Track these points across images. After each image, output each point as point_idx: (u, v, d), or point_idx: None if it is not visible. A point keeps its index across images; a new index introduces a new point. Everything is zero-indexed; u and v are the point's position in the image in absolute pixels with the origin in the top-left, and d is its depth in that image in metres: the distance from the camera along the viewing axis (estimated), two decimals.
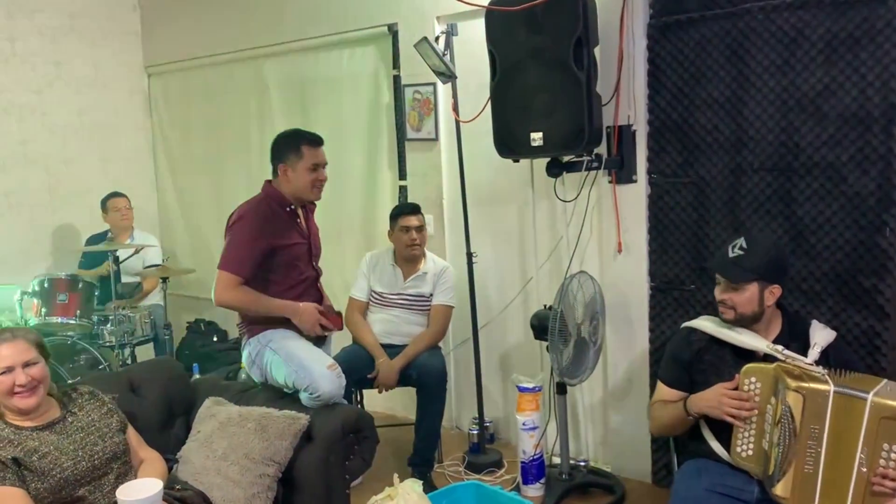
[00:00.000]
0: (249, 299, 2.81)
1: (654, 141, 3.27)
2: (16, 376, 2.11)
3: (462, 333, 3.96)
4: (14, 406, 2.13)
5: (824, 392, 2.06)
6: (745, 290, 2.32)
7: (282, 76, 4.77)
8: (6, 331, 2.19)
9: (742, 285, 2.32)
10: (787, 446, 2.09)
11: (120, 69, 5.51)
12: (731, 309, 2.35)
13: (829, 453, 2.05)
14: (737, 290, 2.33)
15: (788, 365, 2.19)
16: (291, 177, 2.91)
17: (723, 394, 2.24)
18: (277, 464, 2.38)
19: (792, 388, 2.09)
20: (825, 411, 2.06)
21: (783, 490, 2.11)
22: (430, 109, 4.01)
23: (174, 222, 5.68)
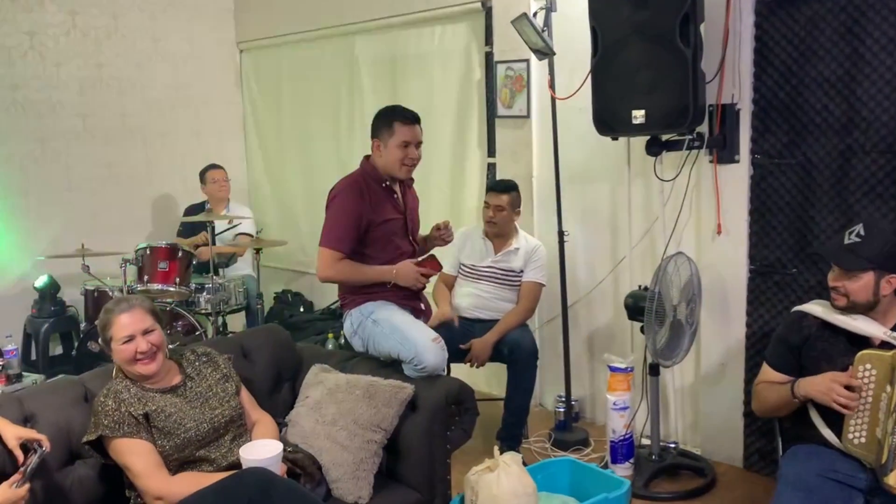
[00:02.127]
0: (349, 271, 2.87)
1: (758, 120, 3.19)
2: (137, 344, 2.21)
3: (549, 311, 3.97)
4: (137, 372, 2.24)
5: None
6: (859, 278, 2.26)
7: (372, 53, 4.82)
8: (123, 300, 2.30)
9: (856, 273, 2.26)
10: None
11: (213, 45, 5.65)
12: (844, 296, 2.29)
13: None
14: (851, 277, 2.27)
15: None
16: (383, 153, 2.93)
17: (834, 380, 2.20)
18: (384, 430, 2.44)
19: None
20: None
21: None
22: (522, 86, 4.00)
23: (263, 195, 5.83)
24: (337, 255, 2.85)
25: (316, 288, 5.50)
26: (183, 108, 5.50)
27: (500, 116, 4.13)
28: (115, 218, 5.15)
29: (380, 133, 2.95)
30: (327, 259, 2.86)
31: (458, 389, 2.58)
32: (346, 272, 2.89)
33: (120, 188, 5.23)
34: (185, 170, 5.33)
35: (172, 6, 5.41)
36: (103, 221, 5.08)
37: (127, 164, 5.26)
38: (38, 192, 4.89)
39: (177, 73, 5.46)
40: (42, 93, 4.88)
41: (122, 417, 2.14)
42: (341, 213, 2.86)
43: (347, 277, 2.92)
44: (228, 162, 5.39)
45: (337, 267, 2.87)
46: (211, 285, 4.44)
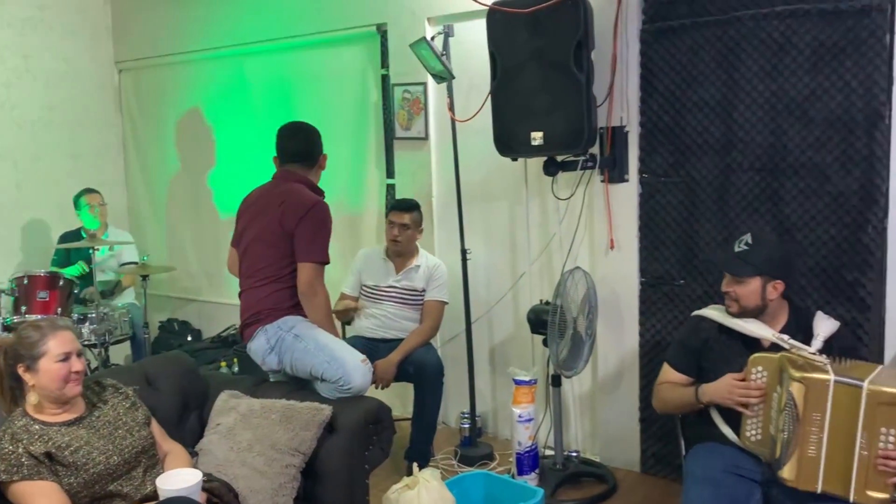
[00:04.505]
0: (328, 305, 2.87)
1: (645, 142, 3.39)
2: (72, 364, 2.09)
3: (452, 329, 4.02)
4: (64, 395, 2.10)
5: (825, 381, 2.17)
6: (748, 283, 2.43)
7: (265, 74, 4.75)
8: (50, 320, 2.18)
9: (745, 279, 2.44)
10: (791, 432, 2.20)
11: (90, 64, 5.39)
12: (735, 301, 2.47)
13: (830, 438, 2.16)
14: (740, 283, 2.45)
15: (793, 354, 2.30)
16: (316, 172, 3.01)
17: (732, 384, 2.35)
18: (303, 454, 2.39)
19: (795, 378, 2.19)
20: (826, 400, 2.17)
21: (789, 473, 2.22)
22: (420, 108, 4.06)
23: (145, 220, 5.58)
24: (323, 270, 2.83)
25: (204, 316, 5.31)
26: (58, 130, 5.19)
27: (399, 138, 4.17)
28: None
29: (321, 151, 3.03)
30: (317, 273, 2.81)
31: (377, 409, 2.57)
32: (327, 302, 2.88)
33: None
34: (60, 195, 5.01)
35: (44, 22, 5.12)
36: None
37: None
38: None
39: (51, 92, 5.16)
40: None
41: (20, 459, 2.00)
42: (324, 226, 2.84)
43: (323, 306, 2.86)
44: (107, 186, 5.14)
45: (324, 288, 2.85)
46: (95, 315, 4.20)
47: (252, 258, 2.92)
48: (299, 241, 2.80)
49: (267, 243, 2.88)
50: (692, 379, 2.54)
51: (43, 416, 2.12)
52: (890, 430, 2.09)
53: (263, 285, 2.87)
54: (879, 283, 2.91)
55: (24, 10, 5.02)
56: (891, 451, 2.07)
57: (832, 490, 2.15)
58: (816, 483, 2.18)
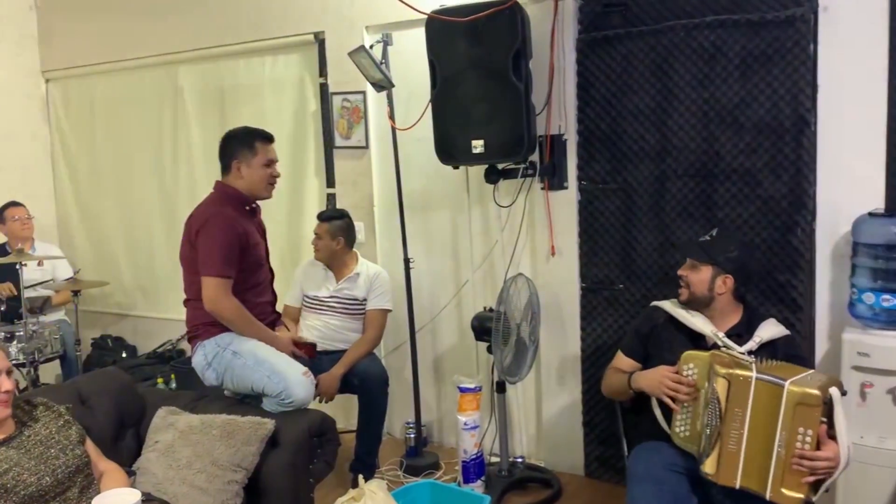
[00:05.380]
0: (241, 316, 2.79)
1: (583, 149, 3.45)
2: (1, 383, 2.00)
3: (395, 339, 4.00)
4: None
5: (747, 378, 2.25)
6: (700, 270, 2.53)
7: (198, 83, 4.66)
8: None
9: (698, 265, 2.52)
10: (714, 427, 2.27)
11: (14, 74, 5.20)
12: (686, 287, 2.55)
13: (751, 434, 2.23)
14: (694, 269, 2.54)
15: (722, 353, 2.37)
16: (246, 173, 2.89)
17: (664, 375, 2.41)
18: (245, 470, 2.34)
19: (720, 374, 2.27)
20: (747, 396, 2.24)
21: (710, 467, 2.28)
22: (359, 117, 4.04)
23: (75, 234, 5.39)
24: (226, 283, 2.75)
25: (139, 331, 5.16)
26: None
27: (339, 147, 4.14)
28: None
29: (239, 154, 2.89)
30: (217, 288, 2.74)
31: (320, 421, 2.54)
32: (239, 314, 2.80)
33: None
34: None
35: None
36: None
37: None
38: None
39: None
40: None
41: None
42: (219, 237, 2.75)
43: (236, 319, 2.80)
44: (35, 199, 4.97)
45: (231, 301, 2.76)
46: (23, 333, 4.04)
47: (183, 273, 2.91)
48: (199, 255, 2.78)
49: (185, 259, 2.88)
50: (639, 365, 2.61)
51: None
52: (807, 430, 2.14)
53: (193, 300, 2.85)
54: (809, 284, 3.02)
55: None
56: (806, 451, 2.13)
57: (750, 486, 2.21)
58: (735, 478, 2.24)
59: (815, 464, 2.11)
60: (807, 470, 2.13)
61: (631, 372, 2.57)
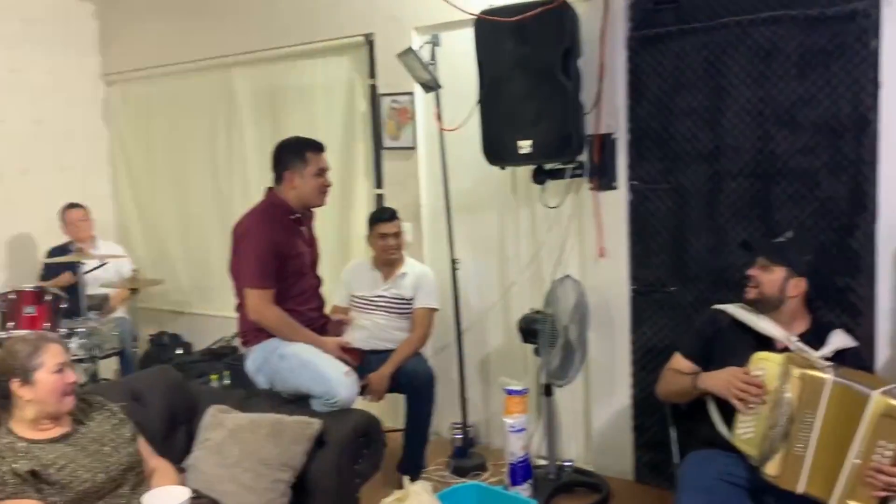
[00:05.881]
0: (285, 323, 2.84)
1: (634, 149, 3.38)
2: (66, 375, 2.09)
3: (441, 339, 4.00)
4: (60, 409, 2.10)
5: (822, 380, 2.18)
6: (772, 271, 2.48)
7: (251, 85, 4.72)
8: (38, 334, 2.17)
9: (771, 266, 2.47)
10: (782, 428, 2.20)
11: (77, 77, 5.35)
12: (756, 287, 2.50)
13: (821, 440, 2.16)
14: (766, 269, 2.49)
15: (797, 356, 2.30)
16: (298, 183, 2.94)
17: (734, 375, 2.34)
18: (292, 469, 2.36)
19: (795, 375, 2.20)
20: (821, 399, 2.17)
21: (773, 468, 2.22)
22: (408, 118, 4.05)
23: (133, 233, 5.53)
24: (266, 294, 2.81)
25: (195, 329, 5.27)
26: (45, 143, 5.15)
27: (387, 148, 4.15)
28: None
29: (290, 164, 2.94)
30: (260, 299, 2.81)
31: (367, 422, 2.55)
32: (282, 322, 2.85)
33: None
34: (48, 209, 4.95)
35: (31, 36, 5.07)
36: None
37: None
38: None
39: (37, 106, 5.11)
40: None
41: (4, 478, 1.97)
42: (258, 248, 2.82)
43: (280, 327, 2.86)
44: (95, 199, 5.11)
45: (273, 311, 2.82)
46: (83, 330, 4.16)
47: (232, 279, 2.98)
48: (240, 264, 2.86)
49: (231, 265, 2.96)
50: (698, 368, 2.55)
51: (28, 434, 2.09)
52: (889, 444, 2.07)
53: (240, 306, 2.93)
54: (869, 288, 2.90)
55: (11, 24, 4.98)
56: (885, 466, 2.05)
57: (814, 492, 2.15)
58: (798, 483, 2.18)
59: (893, 479, 2.04)
60: (881, 485, 2.05)
61: (692, 373, 2.52)
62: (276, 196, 2.96)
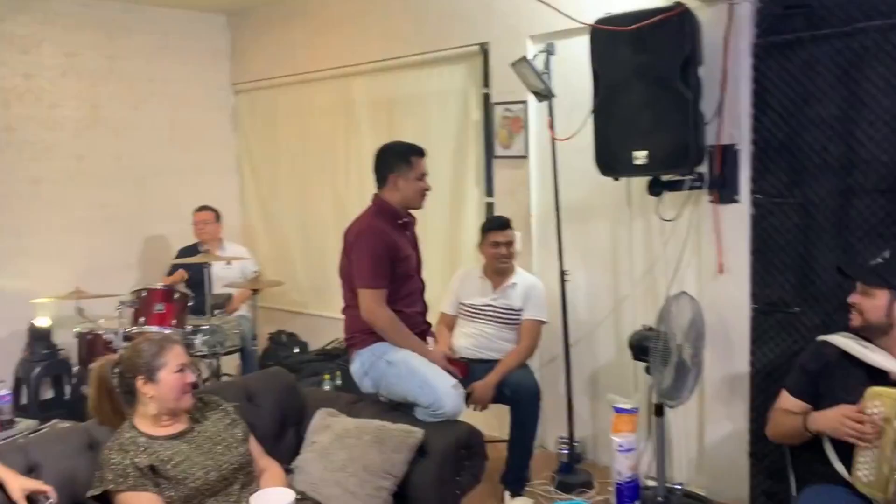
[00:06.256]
0: (395, 326, 2.89)
1: (758, 161, 3.21)
2: (187, 375, 2.21)
3: (550, 351, 3.94)
4: (179, 407, 2.21)
5: None
6: (874, 296, 2.30)
7: (369, 94, 4.84)
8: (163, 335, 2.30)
9: (872, 290, 2.30)
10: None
11: (208, 87, 5.67)
12: (860, 314, 2.33)
13: None
14: (867, 294, 2.31)
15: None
16: (402, 186, 3.00)
17: (844, 414, 2.19)
18: (394, 477, 2.39)
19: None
20: None
21: None
22: (520, 127, 4.02)
23: (257, 235, 5.79)
24: (380, 294, 2.88)
25: (310, 328, 5.44)
26: (178, 149, 5.48)
27: (498, 156, 4.14)
28: (108, 260, 5.09)
29: (397, 168, 3.01)
30: (374, 299, 2.87)
31: (468, 434, 2.54)
32: (394, 325, 2.90)
33: (114, 230, 5.18)
34: (180, 210, 5.26)
35: (168, 49, 5.42)
36: (97, 263, 5.01)
37: (121, 206, 5.22)
38: (32, 233, 4.82)
39: (172, 114, 5.45)
40: (37, 134, 4.86)
41: (127, 470, 2.08)
42: (373, 250, 2.89)
43: (389, 329, 2.91)
44: (223, 202, 5.37)
45: (385, 312, 2.88)
46: (207, 327, 4.37)
47: (341, 282, 3.05)
48: (354, 265, 2.90)
49: (342, 268, 3.02)
50: (809, 406, 2.38)
51: (149, 430, 2.21)
52: None
53: (348, 308, 2.98)
54: None
55: (152, 37, 5.34)
56: None
57: None
58: None
59: None
60: None
61: (802, 413, 2.35)
62: (384, 201, 3.03)
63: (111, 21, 5.15)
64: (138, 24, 5.27)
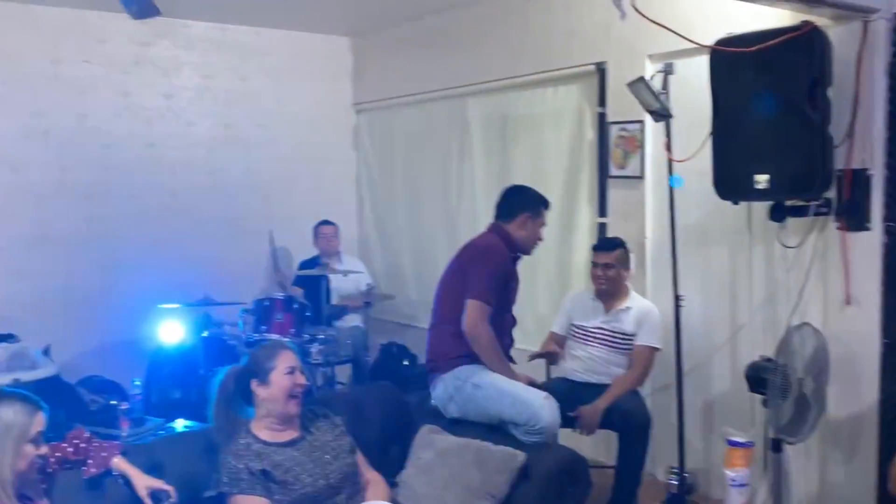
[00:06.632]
0: (493, 346, 2.93)
1: (892, 186, 3.01)
2: (297, 377, 2.31)
3: (662, 378, 3.81)
4: (287, 411, 2.31)
5: None
6: None
7: (484, 114, 4.88)
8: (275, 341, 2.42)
9: None
10: None
11: (332, 106, 5.88)
12: None
13: None
14: None
15: None
16: (529, 229, 3.13)
17: None
18: (494, 498, 2.39)
19: None
20: None
21: None
22: (636, 147, 3.94)
23: (372, 249, 5.94)
24: (488, 311, 2.92)
25: (420, 341, 5.48)
26: (302, 166, 5.71)
27: (613, 177, 4.07)
28: (235, 269, 5.33)
29: (530, 210, 3.13)
30: (481, 311, 2.92)
31: (572, 459, 2.52)
32: (491, 344, 2.94)
33: (242, 241, 5.42)
34: (303, 224, 5.47)
35: (296, 70, 5.68)
36: (225, 272, 5.26)
37: (249, 219, 5.47)
38: (166, 242, 5.14)
39: (298, 132, 5.69)
40: (176, 151, 5.21)
41: (241, 474, 2.19)
42: (496, 268, 2.98)
43: (487, 346, 2.94)
44: (342, 217, 5.54)
45: (488, 328, 2.92)
46: (323, 336, 4.52)
47: (437, 298, 3.13)
48: (469, 278, 2.94)
49: (447, 283, 3.09)
50: None
51: (264, 436, 2.31)
52: None
53: (439, 324, 3.05)
54: None
55: (281, 60, 5.62)
56: None
57: None
58: None
59: None
60: None
61: None
62: (506, 232, 3.12)
63: (244, 45, 5.45)
64: (268, 47, 5.55)
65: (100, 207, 4.96)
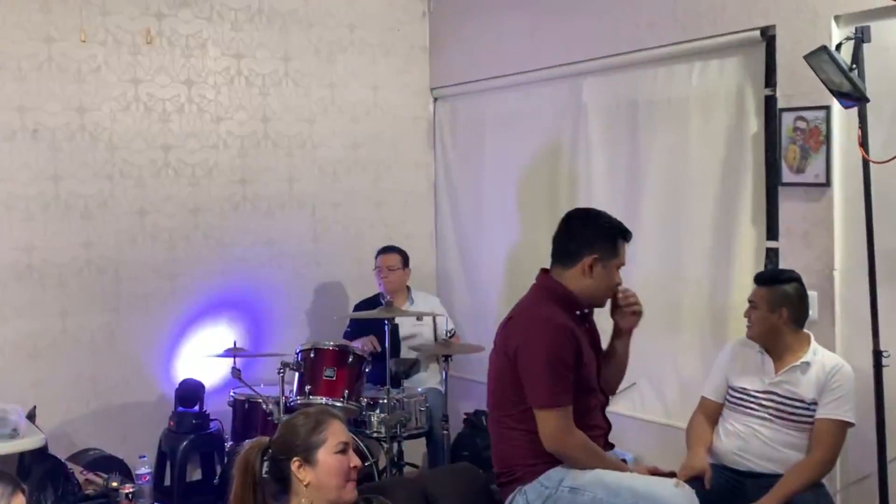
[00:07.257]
0: (591, 450, 2.97)
1: None
2: (351, 457, 2.36)
3: (856, 467, 3.70)
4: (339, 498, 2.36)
5: None
6: None
7: (605, 98, 4.91)
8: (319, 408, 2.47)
9: None
10: None
11: (401, 92, 6.00)
12: None
13: None
14: None
15: None
16: (598, 275, 3.07)
17: None
18: None
19: None
20: None
21: None
22: (819, 143, 3.87)
23: (454, 283, 6.00)
24: (568, 413, 2.94)
25: None
26: (361, 173, 5.83)
27: (786, 184, 4.01)
28: (272, 308, 5.46)
29: (599, 248, 3.09)
30: (558, 422, 2.94)
31: None
32: (588, 449, 2.98)
33: (281, 271, 5.56)
34: (360, 250, 5.58)
35: (354, 45, 5.79)
36: (259, 313, 5.39)
37: (291, 242, 5.61)
38: (185, 273, 5.30)
39: (355, 128, 5.81)
40: (197, 154, 5.36)
41: None
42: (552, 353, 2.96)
43: (584, 456, 2.97)
44: (415, 240, 5.63)
45: (576, 437, 2.96)
46: (387, 401, 4.56)
47: (490, 386, 3.20)
48: (524, 379, 2.95)
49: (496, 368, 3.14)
50: None
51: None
52: None
53: (501, 428, 3.08)
54: None
55: (334, 31, 5.75)
56: None
57: None
58: None
59: None
60: None
61: None
62: (561, 285, 3.09)
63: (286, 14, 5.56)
64: (317, 17, 5.66)
65: (101, 228, 5.10)
